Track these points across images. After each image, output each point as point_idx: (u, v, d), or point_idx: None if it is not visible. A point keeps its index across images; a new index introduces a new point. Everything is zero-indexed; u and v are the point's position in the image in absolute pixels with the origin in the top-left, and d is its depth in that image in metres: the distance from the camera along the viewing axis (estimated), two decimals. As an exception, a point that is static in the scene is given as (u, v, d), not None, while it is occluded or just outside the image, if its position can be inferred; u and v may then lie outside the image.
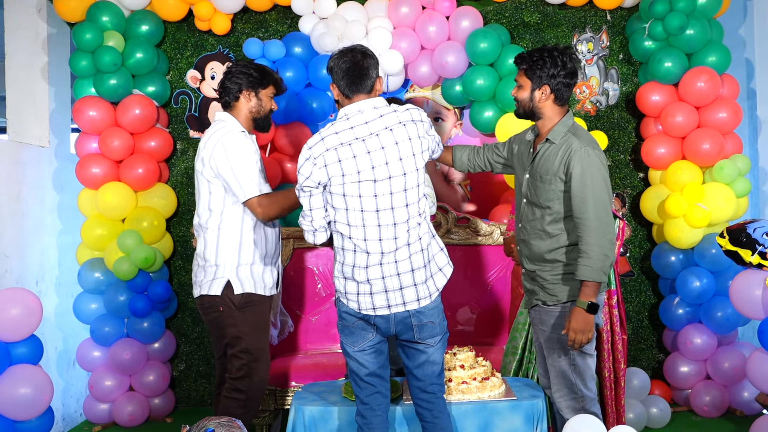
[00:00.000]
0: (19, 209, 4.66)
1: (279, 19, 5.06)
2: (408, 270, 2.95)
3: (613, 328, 3.84)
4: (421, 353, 3.04)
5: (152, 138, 4.87)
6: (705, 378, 4.76)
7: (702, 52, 4.65)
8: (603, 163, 3.08)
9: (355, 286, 2.98)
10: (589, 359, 3.25)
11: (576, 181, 3.05)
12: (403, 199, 2.92)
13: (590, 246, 3.01)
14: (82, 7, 4.76)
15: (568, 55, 3.15)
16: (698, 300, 4.65)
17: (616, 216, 3.79)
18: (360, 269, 2.96)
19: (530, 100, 3.18)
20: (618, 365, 3.85)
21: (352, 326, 3.03)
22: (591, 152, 3.06)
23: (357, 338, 3.04)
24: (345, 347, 3.08)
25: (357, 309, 2.99)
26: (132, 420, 4.78)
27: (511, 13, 5.01)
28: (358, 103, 2.96)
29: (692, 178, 4.62)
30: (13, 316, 3.58)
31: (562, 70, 3.11)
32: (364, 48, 3.06)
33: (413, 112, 2.98)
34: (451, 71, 4.78)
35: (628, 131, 5.06)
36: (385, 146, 2.89)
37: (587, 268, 3.02)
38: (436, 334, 3.04)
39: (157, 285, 4.79)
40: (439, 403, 3.11)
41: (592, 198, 3.03)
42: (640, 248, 5.08)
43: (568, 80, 3.14)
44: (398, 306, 2.97)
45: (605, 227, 3.04)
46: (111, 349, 4.76)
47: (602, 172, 3.07)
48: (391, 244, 2.93)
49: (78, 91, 4.85)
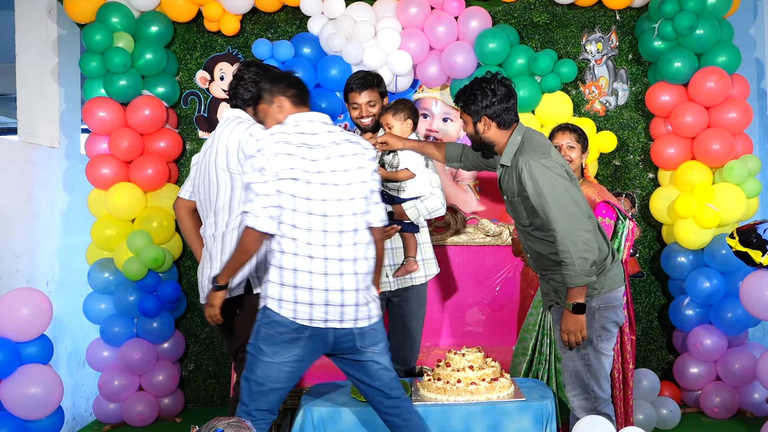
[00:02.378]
0: (30, 209, 4.68)
1: (288, 20, 5.06)
2: (352, 288, 2.93)
3: (622, 328, 3.82)
4: (372, 363, 3.00)
5: (162, 139, 4.88)
6: (715, 379, 4.74)
7: (712, 52, 4.63)
8: (551, 168, 3.08)
9: (292, 293, 2.87)
10: (604, 359, 3.25)
11: (531, 195, 3.10)
12: (350, 207, 2.94)
13: (565, 254, 3.05)
14: (92, 8, 4.78)
15: (497, 81, 3.20)
16: (708, 301, 4.63)
17: (626, 216, 3.78)
18: (300, 273, 2.88)
19: (476, 134, 3.26)
20: (626, 366, 3.83)
21: (281, 336, 2.88)
22: (534, 164, 3.08)
23: (280, 349, 2.90)
24: (260, 353, 2.91)
25: (292, 317, 2.87)
26: (141, 420, 4.80)
27: (520, 13, 5.00)
28: (309, 114, 3.04)
29: (702, 179, 4.60)
30: (23, 316, 3.60)
31: (494, 98, 3.17)
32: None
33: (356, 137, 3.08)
34: (459, 71, 4.78)
35: (638, 131, 5.04)
36: (332, 157, 2.94)
37: (569, 276, 3.07)
38: (379, 341, 3.02)
39: (167, 285, 4.81)
40: (406, 406, 3.11)
41: (550, 206, 3.05)
42: (649, 249, 5.06)
43: (504, 104, 3.19)
44: (334, 322, 2.91)
45: (574, 230, 3.04)
46: (121, 349, 4.78)
47: (551, 178, 3.07)
48: (335, 251, 2.91)
49: (88, 91, 4.87)
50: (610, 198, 3.84)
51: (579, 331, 3.13)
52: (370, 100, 3.75)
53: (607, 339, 3.25)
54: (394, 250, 3.83)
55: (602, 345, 3.22)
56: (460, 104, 3.27)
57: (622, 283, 3.29)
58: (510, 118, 3.22)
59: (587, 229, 3.07)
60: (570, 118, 4.80)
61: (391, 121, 3.72)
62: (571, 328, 3.14)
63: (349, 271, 2.92)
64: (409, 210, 3.73)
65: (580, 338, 3.15)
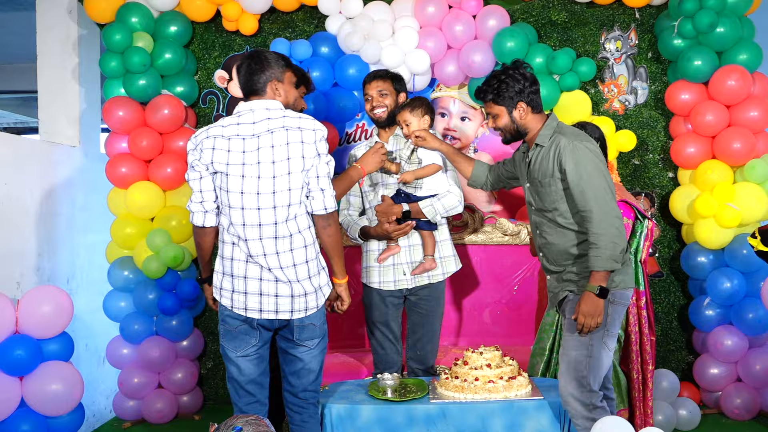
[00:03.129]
0: (51, 208, 4.72)
1: (306, 19, 5.08)
2: (284, 280, 2.97)
3: (642, 329, 3.80)
4: (298, 360, 3.09)
5: (181, 138, 4.91)
6: (736, 380, 4.70)
7: (733, 50, 4.59)
8: (595, 153, 3.10)
9: (230, 283, 3.01)
10: (605, 356, 3.16)
11: (571, 176, 3.08)
12: (270, 200, 2.93)
13: (597, 236, 3.03)
14: (112, 8, 4.82)
15: (521, 66, 3.23)
16: (729, 301, 4.59)
17: (644, 216, 3.76)
18: (236, 262, 2.99)
19: (513, 123, 3.25)
20: (646, 366, 3.81)
21: (235, 330, 3.05)
22: (579, 145, 3.09)
23: (240, 343, 3.06)
24: (226, 352, 3.09)
25: (230, 307, 3.01)
26: (161, 417, 4.83)
27: (538, 11, 4.98)
28: (251, 103, 3.03)
29: (723, 178, 4.57)
30: (45, 313, 3.64)
31: (526, 82, 3.19)
32: (264, 52, 3.12)
33: (304, 121, 2.99)
34: (477, 70, 4.77)
35: (657, 130, 5.01)
36: (262, 147, 2.93)
37: (597, 258, 3.03)
38: (316, 336, 3.08)
39: (186, 283, 4.84)
40: (309, 409, 3.17)
41: (590, 188, 3.05)
42: (669, 248, 5.03)
43: (535, 87, 3.23)
44: (270, 312, 2.99)
45: (610, 215, 3.04)
46: (140, 347, 4.81)
47: (595, 162, 3.08)
48: (257, 246, 2.95)
49: (108, 91, 4.91)
50: (629, 197, 3.81)
51: (598, 316, 3.07)
52: (381, 89, 3.77)
53: (612, 336, 3.19)
54: (412, 247, 3.83)
55: (607, 340, 3.16)
56: (489, 98, 3.25)
57: (632, 285, 3.24)
58: (539, 101, 3.25)
59: (620, 216, 3.08)
60: (589, 117, 4.78)
61: (409, 117, 3.72)
62: (591, 310, 3.07)
63: (275, 265, 2.96)
64: (426, 208, 3.73)
65: (596, 324, 3.09)
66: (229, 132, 2.97)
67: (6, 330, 3.52)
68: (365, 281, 3.92)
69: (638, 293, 3.80)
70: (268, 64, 3.06)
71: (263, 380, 3.14)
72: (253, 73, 3.04)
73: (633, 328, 3.80)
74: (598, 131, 3.83)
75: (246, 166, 2.93)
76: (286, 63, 3.14)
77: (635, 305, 3.80)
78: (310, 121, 3.01)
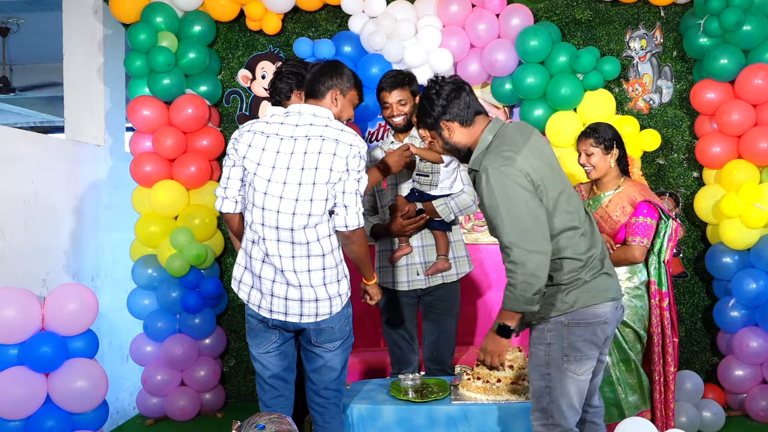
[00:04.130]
0: (76, 206, 4.77)
1: (329, 19, 5.09)
2: (294, 284, 2.96)
3: (664, 330, 3.76)
4: (319, 357, 3.07)
5: (204, 137, 4.94)
6: (761, 382, 4.65)
7: (760, 48, 4.53)
8: (509, 175, 2.70)
9: (250, 278, 3.04)
10: (571, 383, 2.84)
11: (486, 206, 2.76)
12: (291, 206, 2.91)
13: (510, 273, 2.68)
14: (137, 8, 4.86)
15: (437, 83, 2.90)
16: (754, 302, 4.54)
17: (669, 216, 3.72)
18: (255, 261, 3.01)
19: (446, 144, 2.93)
20: (668, 368, 3.78)
21: (255, 328, 3.09)
22: (491, 170, 2.71)
23: (261, 340, 3.09)
24: (250, 349, 3.15)
25: (247, 302, 3.06)
26: (184, 414, 4.87)
27: (562, 10, 4.96)
28: (302, 105, 3.03)
29: (749, 178, 4.52)
30: (70, 310, 3.67)
31: (441, 99, 2.87)
32: (341, 63, 3.14)
33: (344, 135, 2.94)
34: (500, 69, 4.75)
35: (682, 129, 4.96)
36: (296, 152, 2.93)
37: (507, 297, 2.71)
38: (335, 339, 3.05)
39: (209, 282, 4.87)
40: (331, 410, 3.14)
41: (504, 218, 2.69)
42: (693, 249, 4.98)
43: (455, 100, 2.86)
44: (279, 314, 3.00)
45: (526, 249, 2.66)
46: (163, 345, 4.85)
47: (509, 185, 2.69)
48: (273, 246, 2.95)
49: (132, 90, 4.95)
50: (653, 197, 3.77)
51: (498, 355, 2.81)
52: (401, 99, 3.75)
53: (578, 360, 2.83)
54: (425, 247, 3.83)
55: (570, 366, 2.82)
56: (420, 127, 3.00)
57: (605, 299, 2.86)
58: (469, 112, 2.87)
59: (542, 251, 2.67)
60: (613, 116, 4.74)
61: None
62: (491, 349, 2.82)
63: (288, 267, 2.96)
64: (440, 207, 3.72)
65: (497, 363, 2.83)
66: (270, 129, 2.99)
67: (33, 327, 3.56)
68: (379, 281, 3.91)
69: (661, 294, 3.76)
70: (340, 73, 3.07)
71: (287, 375, 3.16)
72: (322, 74, 3.05)
73: (655, 329, 3.77)
74: (611, 131, 3.78)
75: (276, 169, 2.93)
76: (356, 83, 3.14)
77: (658, 306, 3.76)
78: (351, 135, 2.95)
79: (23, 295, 3.58)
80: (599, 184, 3.79)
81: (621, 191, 3.73)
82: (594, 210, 3.75)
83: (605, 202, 3.73)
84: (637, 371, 3.76)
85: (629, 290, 3.71)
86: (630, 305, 3.70)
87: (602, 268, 2.89)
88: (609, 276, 2.91)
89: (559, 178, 2.88)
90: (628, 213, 3.66)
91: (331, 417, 3.15)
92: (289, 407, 3.18)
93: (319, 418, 3.16)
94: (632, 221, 3.64)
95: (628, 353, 3.71)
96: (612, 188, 3.75)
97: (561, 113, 4.68)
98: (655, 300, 3.74)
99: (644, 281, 3.75)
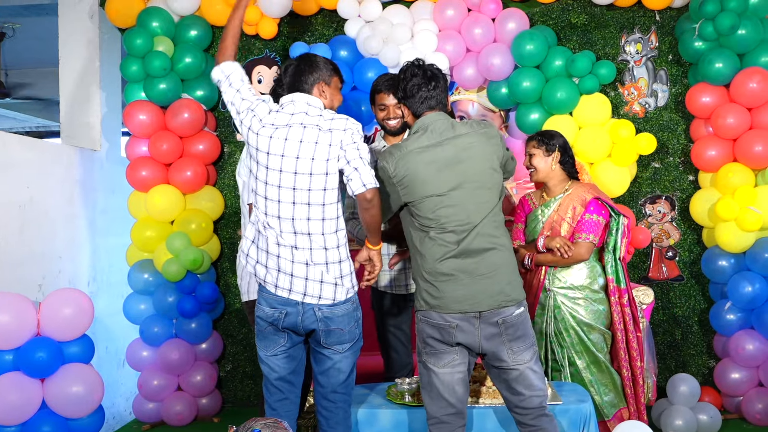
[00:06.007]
0: (72, 211, 4.76)
1: (325, 23, 5.09)
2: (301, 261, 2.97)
3: (626, 326, 3.84)
4: (327, 359, 3.07)
5: (200, 141, 4.94)
6: (757, 385, 4.65)
7: (754, 52, 4.55)
8: (382, 169, 2.99)
9: (255, 253, 3.03)
10: (433, 376, 2.97)
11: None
12: (290, 195, 2.94)
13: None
14: (133, 13, 4.86)
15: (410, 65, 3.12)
16: (750, 305, 4.55)
17: (618, 213, 3.78)
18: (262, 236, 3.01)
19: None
20: (634, 363, 3.85)
21: (264, 331, 3.08)
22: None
23: (269, 343, 3.08)
24: (258, 351, 3.14)
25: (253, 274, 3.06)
26: (180, 419, 4.86)
27: (557, 14, 4.97)
28: (293, 95, 3.06)
29: (744, 181, 4.53)
30: (66, 316, 3.67)
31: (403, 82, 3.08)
32: (313, 55, 3.16)
33: (336, 122, 2.98)
34: (496, 73, 4.76)
35: (678, 133, 4.97)
36: (290, 139, 2.95)
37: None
38: (345, 341, 3.05)
39: (205, 286, 4.86)
40: (338, 413, 3.12)
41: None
42: (689, 252, 4.99)
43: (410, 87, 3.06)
44: (283, 290, 2.99)
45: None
46: (160, 350, 4.84)
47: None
48: (273, 235, 2.97)
49: (128, 95, 4.95)
50: (602, 195, 3.83)
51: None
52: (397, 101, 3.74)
53: (428, 354, 2.96)
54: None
55: (425, 357, 2.97)
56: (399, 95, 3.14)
57: (426, 308, 2.96)
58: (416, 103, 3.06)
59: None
60: (608, 120, 4.75)
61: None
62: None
63: (288, 257, 2.97)
64: None
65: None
66: (269, 120, 3.01)
67: (28, 332, 3.55)
68: (375, 285, 3.91)
69: (620, 291, 3.83)
70: (317, 66, 3.09)
71: (294, 379, 3.15)
72: (301, 73, 3.07)
73: (618, 326, 3.83)
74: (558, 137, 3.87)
75: (272, 156, 2.95)
76: (334, 68, 3.16)
77: (618, 303, 3.82)
78: (342, 120, 3.00)
79: (18, 300, 3.58)
80: (548, 190, 3.89)
81: (570, 193, 3.82)
82: (547, 215, 3.82)
83: (556, 207, 3.82)
84: (608, 370, 3.84)
85: (591, 295, 3.76)
86: (593, 309, 3.75)
87: (434, 278, 2.99)
88: (436, 286, 2.97)
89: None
90: (580, 213, 3.73)
91: (336, 422, 3.12)
92: (294, 411, 3.16)
93: (324, 422, 3.13)
94: (581, 219, 3.73)
95: (596, 355, 3.78)
96: (560, 192, 3.85)
97: (557, 117, 4.68)
98: (615, 297, 3.82)
99: (603, 285, 3.83)
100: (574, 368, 3.81)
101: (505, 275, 2.95)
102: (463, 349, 2.97)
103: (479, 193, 2.95)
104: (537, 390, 2.97)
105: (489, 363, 3.02)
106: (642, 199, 4.98)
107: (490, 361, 2.99)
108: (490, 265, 2.93)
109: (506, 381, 2.99)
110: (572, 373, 3.82)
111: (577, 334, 3.78)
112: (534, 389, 2.97)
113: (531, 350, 2.98)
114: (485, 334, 2.92)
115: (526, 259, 3.84)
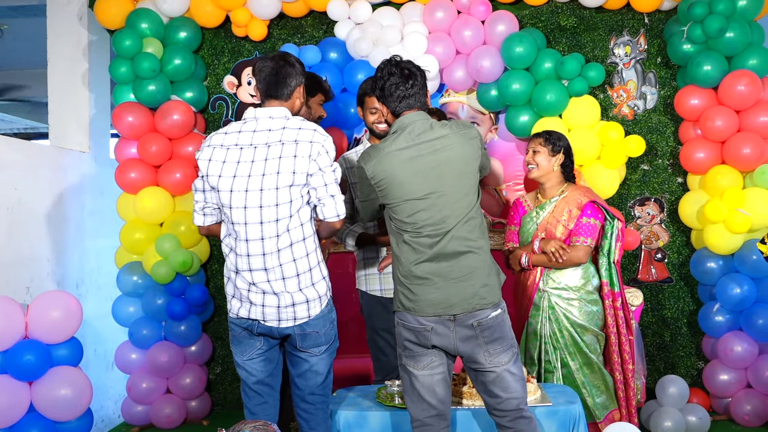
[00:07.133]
0: (60, 213, 4.74)
1: (315, 25, 5.09)
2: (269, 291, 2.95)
3: (619, 330, 3.87)
4: (304, 362, 3.06)
5: (190, 143, 4.92)
6: (746, 386, 4.67)
7: (742, 54, 4.57)
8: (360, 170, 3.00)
9: (233, 289, 3.02)
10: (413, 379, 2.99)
11: None
12: (257, 215, 2.89)
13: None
14: (122, 14, 4.85)
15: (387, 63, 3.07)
16: (739, 307, 4.57)
17: (614, 217, 3.80)
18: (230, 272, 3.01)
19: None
20: (626, 366, 3.88)
21: (239, 336, 3.07)
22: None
23: (245, 347, 3.07)
24: (234, 357, 3.13)
25: (229, 310, 3.04)
26: (169, 422, 4.84)
27: (547, 17, 4.98)
28: (257, 110, 2.98)
29: (732, 183, 4.55)
30: (54, 318, 3.65)
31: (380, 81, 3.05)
32: (291, 55, 3.07)
33: (303, 133, 2.91)
34: (486, 76, 4.77)
35: (667, 135, 4.99)
36: (256, 161, 2.90)
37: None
38: (321, 343, 3.05)
39: (194, 288, 4.85)
40: (318, 415, 3.12)
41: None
42: (678, 254, 5.01)
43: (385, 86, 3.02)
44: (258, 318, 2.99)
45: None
46: (149, 352, 4.82)
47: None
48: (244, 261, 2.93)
49: (117, 97, 4.93)
50: (598, 199, 3.86)
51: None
52: None
53: (407, 356, 2.99)
54: None
55: (404, 360, 2.99)
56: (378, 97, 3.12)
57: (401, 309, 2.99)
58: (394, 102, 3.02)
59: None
60: (597, 122, 4.77)
61: None
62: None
63: (261, 279, 2.94)
64: None
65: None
66: (229, 141, 2.96)
67: (16, 335, 3.53)
68: (365, 289, 3.89)
69: (614, 294, 3.86)
70: (297, 69, 3.02)
71: (272, 381, 3.14)
72: (286, 76, 2.99)
73: (611, 329, 3.86)
74: (564, 139, 3.93)
75: (236, 178, 2.91)
76: (303, 68, 3.11)
77: (612, 306, 3.85)
78: (309, 132, 2.92)
79: (6, 302, 3.56)
80: (543, 192, 3.92)
81: (566, 196, 3.85)
82: (541, 217, 3.84)
83: (551, 209, 3.84)
84: (601, 372, 3.87)
85: (585, 296, 3.78)
86: (587, 311, 3.77)
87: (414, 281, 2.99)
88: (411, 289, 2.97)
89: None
90: (576, 216, 3.75)
91: (317, 423, 3.13)
92: (274, 414, 3.16)
93: (305, 424, 3.14)
94: (578, 222, 3.75)
95: (589, 356, 3.81)
96: (556, 194, 3.88)
97: (546, 119, 4.69)
98: (609, 301, 3.87)
99: (597, 286, 3.84)
100: (566, 369, 3.82)
101: (480, 278, 2.93)
102: (440, 351, 2.97)
103: (456, 196, 2.93)
104: (514, 392, 2.96)
105: (467, 365, 3.02)
106: (631, 201, 4.99)
107: (468, 363, 3.00)
108: (464, 268, 2.92)
109: (483, 383, 2.98)
110: (565, 375, 3.84)
111: (570, 336, 3.80)
112: (511, 392, 2.95)
113: (509, 352, 2.96)
114: (460, 337, 2.92)
115: (523, 258, 3.85)
